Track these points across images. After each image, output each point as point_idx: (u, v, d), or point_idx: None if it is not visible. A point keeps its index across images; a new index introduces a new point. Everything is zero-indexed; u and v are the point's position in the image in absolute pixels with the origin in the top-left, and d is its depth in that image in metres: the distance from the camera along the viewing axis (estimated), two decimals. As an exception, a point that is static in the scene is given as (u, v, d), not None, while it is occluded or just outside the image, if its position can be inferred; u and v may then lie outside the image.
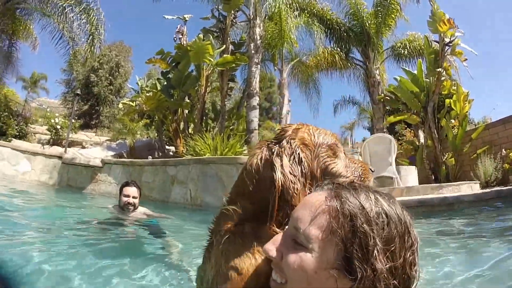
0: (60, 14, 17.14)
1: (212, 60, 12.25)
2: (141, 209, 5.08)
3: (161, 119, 15.16)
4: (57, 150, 16.18)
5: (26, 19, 19.70)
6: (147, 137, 20.29)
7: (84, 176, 10.29)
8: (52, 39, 17.74)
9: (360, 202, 0.92)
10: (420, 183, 9.74)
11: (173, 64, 13.73)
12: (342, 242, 0.88)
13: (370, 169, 1.39)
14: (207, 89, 13.53)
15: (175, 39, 14.15)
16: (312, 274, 0.91)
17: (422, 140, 12.72)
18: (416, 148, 13.01)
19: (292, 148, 1.23)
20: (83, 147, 20.16)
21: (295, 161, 1.21)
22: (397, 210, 0.95)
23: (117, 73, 37.85)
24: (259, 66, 13.89)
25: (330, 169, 1.25)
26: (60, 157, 11.15)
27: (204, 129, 12.87)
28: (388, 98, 14.81)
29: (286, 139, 1.27)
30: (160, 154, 15.69)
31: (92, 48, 17.15)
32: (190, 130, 13.91)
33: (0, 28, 18.35)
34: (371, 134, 21.96)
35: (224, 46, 13.55)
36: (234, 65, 13.23)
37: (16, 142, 15.75)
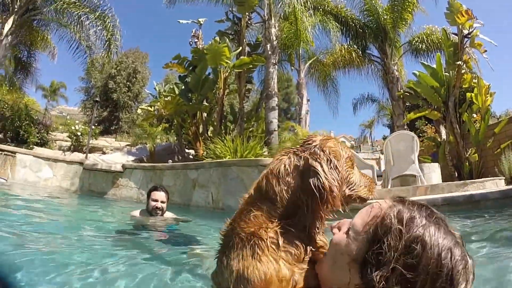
0: (76, 23, 17.57)
1: (229, 62, 12.30)
2: (168, 214, 5.12)
3: (180, 123, 15.28)
4: (78, 156, 16.48)
5: (43, 30, 20.25)
6: (167, 141, 20.51)
7: (105, 182, 10.41)
8: (70, 48, 18.18)
9: (403, 223, 0.98)
10: (443, 180, 9.57)
11: (190, 68, 13.75)
12: (369, 245, 1.01)
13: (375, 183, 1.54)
14: (225, 92, 13.56)
15: (191, 43, 14.23)
16: (338, 253, 1.09)
17: (444, 136, 12.46)
18: (438, 144, 12.77)
19: (326, 155, 1.28)
20: (104, 153, 20.47)
21: (332, 167, 1.27)
22: (442, 245, 0.95)
23: (134, 79, 38.39)
24: (276, 66, 13.86)
25: (349, 178, 1.35)
26: (81, 163, 11.30)
27: (223, 131, 12.87)
28: (408, 94, 14.60)
29: (317, 147, 1.31)
30: (180, 157, 15.78)
31: (110, 54, 17.53)
32: (209, 133, 13.93)
33: (18, 40, 18.75)
34: (391, 132, 21.79)
35: (240, 48, 13.55)
36: (251, 66, 13.27)
37: (37, 150, 16.13)
